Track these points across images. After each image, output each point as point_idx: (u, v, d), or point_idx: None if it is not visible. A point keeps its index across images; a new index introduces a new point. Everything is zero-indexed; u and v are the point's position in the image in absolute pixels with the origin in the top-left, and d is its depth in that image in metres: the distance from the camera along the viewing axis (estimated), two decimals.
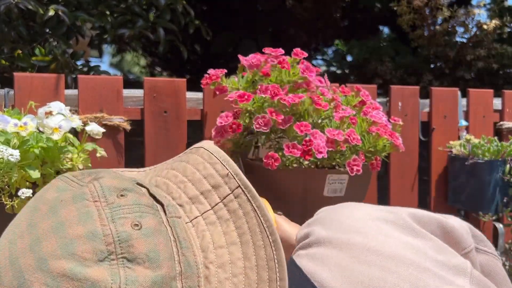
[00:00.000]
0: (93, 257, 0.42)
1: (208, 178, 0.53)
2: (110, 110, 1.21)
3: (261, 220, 0.49)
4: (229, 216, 0.51)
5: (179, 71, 4.48)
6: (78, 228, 0.44)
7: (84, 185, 0.49)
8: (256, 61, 1.08)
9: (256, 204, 0.50)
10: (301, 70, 1.07)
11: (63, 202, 0.47)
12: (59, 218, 0.45)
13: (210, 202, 0.52)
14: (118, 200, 0.46)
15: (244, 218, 0.50)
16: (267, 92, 1.01)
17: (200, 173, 0.54)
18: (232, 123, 1.03)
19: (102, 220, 0.44)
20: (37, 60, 1.77)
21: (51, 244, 0.43)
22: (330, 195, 1.04)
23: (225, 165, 0.53)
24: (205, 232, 0.50)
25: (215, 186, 0.52)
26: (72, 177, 0.51)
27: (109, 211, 0.45)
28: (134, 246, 0.43)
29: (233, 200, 0.51)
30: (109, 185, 0.48)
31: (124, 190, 0.48)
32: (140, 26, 2.08)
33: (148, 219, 0.46)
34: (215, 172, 0.53)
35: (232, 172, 0.52)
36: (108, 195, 0.47)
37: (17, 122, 0.87)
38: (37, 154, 0.87)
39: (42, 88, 1.14)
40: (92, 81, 1.21)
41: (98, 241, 0.43)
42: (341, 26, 4.02)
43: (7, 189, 0.84)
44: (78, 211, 0.45)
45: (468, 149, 1.54)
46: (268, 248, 0.48)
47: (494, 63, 2.60)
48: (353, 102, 1.16)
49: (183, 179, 0.54)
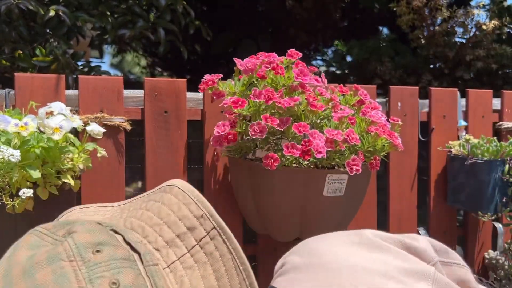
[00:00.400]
0: None
1: (184, 220, 0.53)
2: (110, 110, 1.22)
3: (237, 263, 0.50)
4: (206, 259, 0.51)
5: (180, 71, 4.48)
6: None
7: (58, 241, 0.48)
8: (251, 65, 1.09)
9: (232, 246, 0.51)
10: (295, 75, 1.07)
11: (37, 264, 0.46)
12: (35, 282, 0.44)
13: (186, 245, 0.52)
14: (94, 257, 0.46)
15: (221, 260, 0.51)
16: (260, 97, 1.01)
17: (175, 214, 0.54)
18: (228, 133, 1.03)
19: (79, 282, 0.44)
20: (38, 60, 1.78)
21: None
22: (330, 195, 1.04)
23: (199, 206, 0.54)
24: (183, 278, 0.50)
25: (190, 228, 0.53)
26: (45, 231, 0.51)
27: (85, 270, 0.45)
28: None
29: (209, 242, 0.52)
30: (83, 241, 0.47)
31: (99, 244, 0.47)
32: (141, 27, 2.08)
33: (125, 274, 0.45)
34: (190, 214, 0.53)
35: (207, 213, 0.53)
36: (83, 253, 0.46)
37: (18, 122, 0.87)
38: (37, 154, 0.87)
39: (42, 88, 1.15)
40: (93, 82, 1.21)
41: None
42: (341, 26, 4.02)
43: (7, 189, 0.85)
44: (54, 274, 0.44)
45: (467, 149, 1.54)
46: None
47: (493, 64, 2.60)
48: (351, 102, 1.17)
49: (158, 221, 0.54)
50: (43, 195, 0.88)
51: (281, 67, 1.08)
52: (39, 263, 0.46)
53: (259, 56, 1.11)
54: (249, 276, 0.50)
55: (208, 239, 0.52)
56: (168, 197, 0.56)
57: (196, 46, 4.22)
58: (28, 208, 0.87)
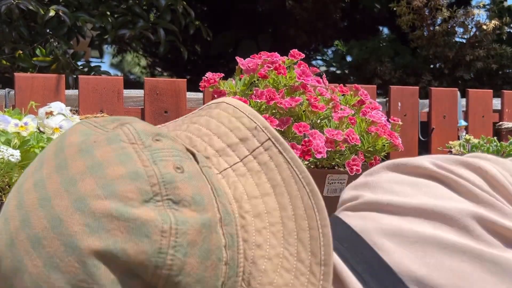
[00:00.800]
0: (138, 197, 0.39)
1: (235, 131, 0.49)
2: (110, 110, 1.22)
3: (295, 171, 0.46)
4: (260, 168, 0.47)
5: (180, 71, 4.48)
6: (119, 168, 0.40)
7: (110, 130, 0.45)
8: (253, 65, 1.09)
9: (289, 156, 0.47)
10: (297, 75, 1.07)
11: (96, 143, 0.42)
12: (94, 159, 0.41)
13: (238, 154, 0.48)
14: (155, 143, 0.43)
15: (276, 170, 0.47)
16: (262, 97, 1.01)
17: (225, 126, 0.50)
18: None
19: (143, 162, 0.41)
20: (38, 60, 1.78)
21: (89, 184, 0.39)
22: (330, 195, 1.04)
23: (252, 119, 0.49)
24: (236, 184, 0.46)
25: (242, 139, 0.48)
26: (94, 123, 0.47)
27: (148, 153, 0.42)
28: (179, 188, 0.40)
29: (263, 152, 0.47)
30: (142, 129, 0.44)
31: (158, 135, 0.44)
32: (141, 27, 2.08)
33: (188, 163, 0.43)
34: (241, 126, 0.49)
35: (261, 125, 0.49)
36: (144, 138, 0.43)
37: (18, 122, 0.87)
38: (37, 154, 0.87)
39: (42, 88, 1.15)
40: (93, 82, 1.21)
41: (142, 182, 0.39)
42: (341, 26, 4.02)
43: (7, 189, 0.85)
44: (115, 152, 0.41)
45: (467, 149, 1.54)
46: (305, 197, 0.45)
47: (493, 64, 2.60)
48: (351, 102, 1.17)
49: (207, 132, 0.50)
50: None
51: (283, 67, 1.08)
52: (98, 142, 0.43)
53: (261, 56, 1.11)
54: (309, 183, 0.46)
55: (262, 149, 0.48)
56: (216, 111, 0.51)
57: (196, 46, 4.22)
58: None
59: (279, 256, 0.43)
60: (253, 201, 0.46)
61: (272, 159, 0.47)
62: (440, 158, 0.56)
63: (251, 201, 0.46)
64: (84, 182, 0.39)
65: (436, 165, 0.54)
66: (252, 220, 0.45)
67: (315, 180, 0.52)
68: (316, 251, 0.43)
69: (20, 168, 0.85)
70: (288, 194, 0.46)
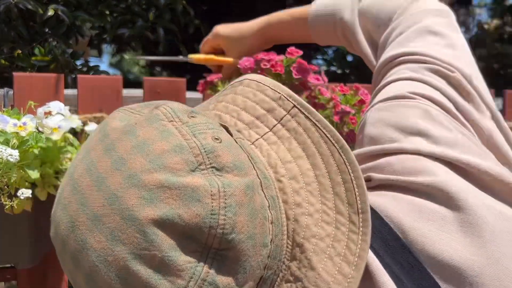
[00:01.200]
0: (185, 167, 0.42)
1: (261, 104, 0.52)
2: (109, 109, 1.21)
3: (323, 132, 0.49)
4: (289, 134, 0.50)
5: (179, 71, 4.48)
6: (163, 144, 0.43)
7: (146, 113, 0.48)
8: (249, 64, 1.08)
9: (315, 119, 0.49)
10: (294, 72, 1.06)
11: (137, 124, 0.46)
12: (138, 138, 0.44)
13: (267, 125, 0.51)
14: (191, 119, 0.46)
15: (305, 133, 0.50)
16: None
17: (251, 100, 0.53)
18: None
19: (184, 136, 0.44)
20: (37, 60, 1.77)
21: (138, 161, 0.42)
22: None
23: (276, 90, 0.52)
24: (269, 151, 0.49)
25: (269, 110, 0.51)
26: (130, 109, 0.50)
27: (187, 128, 0.45)
28: (220, 156, 0.43)
29: (291, 119, 0.50)
30: (177, 107, 0.47)
31: (192, 112, 0.47)
32: (140, 26, 2.08)
33: (224, 134, 0.46)
34: (266, 98, 0.52)
35: (285, 95, 0.51)
36: (180, 115, 0.46)
37: (17, 122, 0.87)
38: (36, 154, 0.87)
39: (41, 88, 1.14)
40: (92, 81, 1.20)
41: (186, 153, 0.42)
42: None
43: (6, 189, 0.84)
44: (157, 130, 0.44)
45: None
46: (336, 154, 0.48)
47: (495, 63, 2.60)
48: (352, 101, 1.16)
49: (234, 108, 0.53)
50: (41, 196, 0.88)
51: (280, 64, 1.08)
52: (139, 124, 0.46)
53: (258, 55, 1.11)
54: (339, 141, 0.48)
55: (289, 117, 0.50)
56: (240, 88, 0.54)
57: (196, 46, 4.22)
58: (27, 209, 0.86)
59: (319, 212, 0.46)
60: (287, 165, 0.49)
61: (300, 124, 0.50)
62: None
63: (285, 165, 0.49)
64: (133, 160, 0.42)
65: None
66: (288, 182, 0.48)
67: None
68: (352, 201, 0.46)
69: (19, 168, 0.85)
70: (320, 154, 0.49)
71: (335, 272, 0.44)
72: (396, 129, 0.57)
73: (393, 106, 0.60)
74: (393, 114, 0.59)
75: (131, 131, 0.45)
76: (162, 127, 0.45)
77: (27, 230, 0.90)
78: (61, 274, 1.11)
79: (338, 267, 0.44)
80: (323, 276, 0.44)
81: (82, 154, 0.48)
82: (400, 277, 0.48)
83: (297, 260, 0.45)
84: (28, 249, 0.91)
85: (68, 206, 0.44)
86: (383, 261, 0.49)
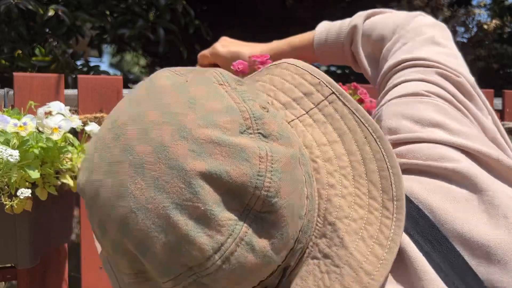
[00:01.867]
0: (234, 127, 0.42)
1: (299, 87, 0.52)
2: (110, 110, 1.20)
3: (360, 120, 0.49)
4: (326, 119, 0.50)
5: None
6: (214, 103, 0.43)
7: (191, 77, 0.48)
8: (242, 67, 1.08)
9: (353, 107, 0.50)
10: None
11: (188, 82, 0.46)
12: (190, 94, 0.44)
13: (303, 107, 0.51)
14: (239, 87, 0.47)
15: (341, 120, 0.50)
16: None
17: (289, 83, 0.53)
18: None
19: (234, 99, 0.44)
20: (37, 60, 1.77)
21: (190, 116, 0.42)
22: None
23: (315, 75, 0.52)
24: (305, 132, 0.50)
25: (307, 93, 0.52)
26: (175, 71, 0.49)
27: (237, 93, 0.45)
28: (267, 124, 0.44)
29: (328, 105, 0.51)
30: (226, 73, 0.48)
31: (239, 80, 0.48)
32: (140, 26, 2.08)
33: (269, 106, 0.47)
34: (305, 82, 0.52)
35: (324, 81, 0.52)
36: (229, 81, 0.47)
37: (17, 122, 0.87)
38: (36, 154, 0.87)
39: (42, 88, 1.14)
40: (92, 81, 1.21)
41: (237, 115, 0.43)
42: None
43: (6, 189, 0.84)
44: (208, 90, 0.45)
45: None
46: (373, 143, 0.49)
47: (494, 63, 2.60)
48: None
49: (271, 87, 0.53)
50: (42, 196, 0.88)
51: None
52: (190, 82, 0.46)
53: (251, 58, 1.11)
54: (376, 130, 0.49)
55: (326, 103, 0.51)
56: (278, 70, 0.55)
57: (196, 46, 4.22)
58: (27, 209, 0.86)
59: (352, 195, 0.47)
60: (322, 147, 0.49)
61: (337, 111, 0.50)
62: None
63: (320, 147, 0.49)
64: (185, 114, 0.42)
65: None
66: (323, 164, 0.48)
67: None
68: (387, 189, 0.47)
69: (19, 168, 0.85)
70: (355, 142, 0.49)
71: (368, 253, 0.45)
72: (414, 121, 0.58)
73: (409, 101, 0.61)
74: (409, 108, 0.60)
75: (183, 88, 0.45)
76: (213, 88, 0.45)
77: (27, 230, 0.90)
78: (61, 274, 1.11)
79: (371, 249, 0.45)
80: (355, 255, 0.45)
81: (126, 104, 0.47)
82: (430, 253, 0.48)
83: (328, 238, 0.46)
84: (28, 249, 0.91)
85: (108, 152, 0.43)
86: (413, 238, 0.49)
